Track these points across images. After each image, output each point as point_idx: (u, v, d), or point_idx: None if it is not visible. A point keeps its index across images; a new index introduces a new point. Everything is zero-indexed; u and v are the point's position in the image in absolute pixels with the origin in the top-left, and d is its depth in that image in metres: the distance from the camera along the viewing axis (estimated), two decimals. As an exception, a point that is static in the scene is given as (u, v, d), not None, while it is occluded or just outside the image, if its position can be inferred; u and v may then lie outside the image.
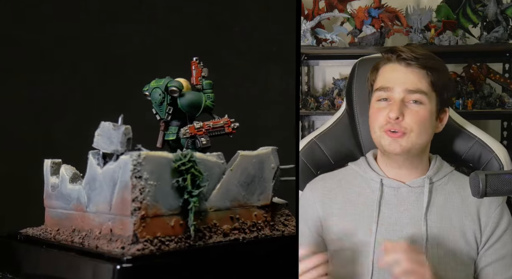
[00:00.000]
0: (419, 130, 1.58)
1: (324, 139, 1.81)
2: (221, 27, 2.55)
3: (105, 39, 2.47)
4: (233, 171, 1.67)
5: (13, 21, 2.45)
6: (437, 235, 1.56)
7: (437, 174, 1.63)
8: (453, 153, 1.74)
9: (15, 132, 2.43)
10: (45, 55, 2.45)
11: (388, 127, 1.58)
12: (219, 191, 1.64)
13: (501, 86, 2.87)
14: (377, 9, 2.89)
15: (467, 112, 2.71)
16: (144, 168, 1.51)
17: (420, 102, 1.58)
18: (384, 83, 1.62)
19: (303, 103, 2.97)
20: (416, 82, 1.59)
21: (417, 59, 1.60)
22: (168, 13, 2.53)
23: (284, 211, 1.77)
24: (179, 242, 1.55)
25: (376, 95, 1.63)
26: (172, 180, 1.55)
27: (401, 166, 1.63)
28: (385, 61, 1.65)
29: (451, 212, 1.59)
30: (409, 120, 1.57)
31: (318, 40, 2.95)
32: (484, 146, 1.72)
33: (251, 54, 2.55)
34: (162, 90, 1.68)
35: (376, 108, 1.62)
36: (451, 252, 1.56)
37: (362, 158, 1.71)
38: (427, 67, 1.60)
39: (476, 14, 2.81)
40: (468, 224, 1.58)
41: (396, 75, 1.61)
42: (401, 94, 1.58)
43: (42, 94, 2.44)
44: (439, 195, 1.61)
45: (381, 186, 1.62)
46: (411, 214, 1.58)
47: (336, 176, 1.72)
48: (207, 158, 1.63)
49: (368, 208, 1.60)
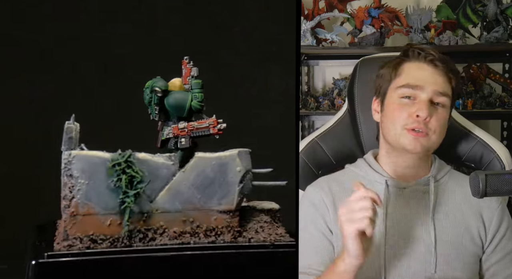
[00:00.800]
0: (440, 131, 1.58)
1: (326, 139, 1.80)
2: (221, 27, 2.55)
3: (105, 39, 2.47)
4: (185, 172, 1.62)
5: (13, 21, 2.44)
6: (445, 235, 1.56)
7: (439, 173, 1.63)
8: (454, 153, 1.74)
9: (15, 132, 2.43)
10: (45, 55, 2.45)
11: (413, 126, 1.56)
12: (168, 193, 1.61)
13: (501, 86, 2.88)
14: (377, 9, 2.89)
15: (467, 112, 2.72)
16: (75, 167, 1.54)
17: (443, 105, 1.58)
18: (413, 81, 1.59)
19: (303, 103, 2.97)
20: (444, 85, 1.59)
21: (444, 62, 1.59)
22: (168, 13, 2.53)
23: (263, 218, 1.70)
24: (115, 242, 1.55)
25: (400, 91, 1.60)
26: (108, 180, 1.55)
27: (409, 166, 1.62)
28: (410, 59, 1.62)
29: (455, 211, 1.59)
30: (434, 121, 1.56)
31: (318, 40, 2.95)
32: (486, 147, 1.72)
33: (251, 54, 2.54)
34: (150, 90, 1.68)
35: (399, 104, 1.59)
36: (459, 251, 1.56)
37: (361, 159, 1.69)
38: (451, 71, 1.60)
39: (476, 14, 2.81)
40: (472, 221, 1.59)
41: (425, 75, 1.59)
42: (430, 94, 1.57)
43: (42, 94, 2.44)
44: (443, 193, 1.61)
45: (386, 187, 1.60)
46: (418, 214, 1.58)
47: (337, 179, 1.68)
48: (153, 158, 1.61)
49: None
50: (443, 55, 1.62)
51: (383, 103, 1.64)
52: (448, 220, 1.58)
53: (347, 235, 1.39)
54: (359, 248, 1.38)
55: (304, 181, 1.73)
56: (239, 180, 1.64)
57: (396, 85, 1.61)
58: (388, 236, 1.56)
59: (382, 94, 1.64)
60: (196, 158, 1.63)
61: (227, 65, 2.52)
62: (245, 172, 1.64)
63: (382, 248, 1.55)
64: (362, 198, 1.39)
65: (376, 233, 1.55)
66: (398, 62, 1.63)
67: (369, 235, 1.38)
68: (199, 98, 1.67)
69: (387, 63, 1.65)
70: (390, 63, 1.64)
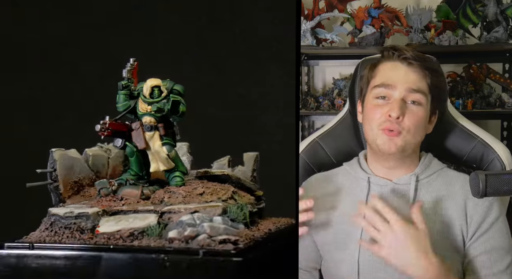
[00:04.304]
0: (414, 130, 1.58)
1: (327, 139, 1.81)
2: (221, 27, 2.55)
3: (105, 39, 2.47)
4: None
5: (13, 21, 2.44)
6: None
7: (425, 172, 1.64)
8: (455, 153, 1.75)
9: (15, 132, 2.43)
10: (45, 55, 2.45)
11: (386, 126, 1.58)
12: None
13: (501, 86, 2.88)
14: (377, 9, 2.89)
15: (467, 112, 2.72)
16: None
17: (418, 103, 1.59)
18: (385, 80, 1.61)
19: (303, 103, 2.97)
20: (418, 82, 1.60)
21: (419, 59, 1.60)
22: (168, 13, 2.53)
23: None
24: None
25: (374, 92, 1.62)
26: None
27: (391, 165, 1.64)
28: (385, 59, 1.65)
29: (437, 208, 1.60)
30: (407, 120, 1.58)
31: (318, 40, 2.95)
32: (487, 147, 1.72)
33: (251, 54, 2.54)
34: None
35: (374, 104, 1.62)
36: (438, 248, 1.55)
37: (355, 158, 1.72)
38: (428, 68, 1.61)
39: (476, 14, 2.81)
40: (456, 219, 1.59)
41: (398, 74, 1.61)
42: (402, 93, 1.59)
43: (42, 94, 2.44)
44: (425, 192, 1.62)
45: (368, 184, 1.63)
46: (398, 210, 1.58)
47: (327, 175, 1.73)
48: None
49: (356, 206, 1.60)
50: (422, 54, 1.63)
51: (363, 104, 1.67)
52: (428, 218, 1.57)
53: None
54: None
55: (305, 181, 1.74)
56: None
57: (372, 85, 1.64)
58: (365, 233, 1.57)
59: (362, 96, 1.68)
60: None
61: (227, 65, 2.52)
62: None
63: (357, 241, 1.58)
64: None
65: (354, 228, 1.57)
66: (375, 63, 1.66)
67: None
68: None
69: (367, 65, 1.68)
70: (369, 64, 1.68)
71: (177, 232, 1.48)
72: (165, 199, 1.64)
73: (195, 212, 1.54)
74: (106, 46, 2.46)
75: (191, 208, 1.56)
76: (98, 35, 2.46)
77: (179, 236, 1.47)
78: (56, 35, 2.44)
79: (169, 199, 1.64)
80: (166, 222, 1.53)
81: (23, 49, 2.43)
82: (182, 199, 1.63)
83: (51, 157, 1.74)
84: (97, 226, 1.56)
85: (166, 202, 1.63)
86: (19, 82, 2.43)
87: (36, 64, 2.44)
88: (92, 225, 1.56)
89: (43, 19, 2.45)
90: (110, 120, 1.69)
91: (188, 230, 1.47)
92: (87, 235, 1.55)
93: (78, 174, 1.77)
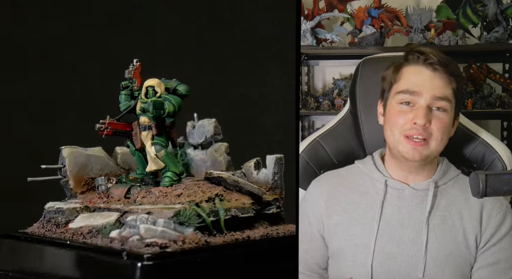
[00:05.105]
0: (441, 137, 1.56)
1: (327, 138, 1.80)
2: (221, 27, 2.55)
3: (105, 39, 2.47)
4: None
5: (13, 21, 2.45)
6: (438, 239, 1.56)
7: (443, 178, 1.62)
8: (457, 153, 1.74)
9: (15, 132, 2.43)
10: (45, 55, 2.45)
11: (411, 133, 1.55)
12: None
13: (501, 86, 2.88)
14: (377, 9, 2.89)
15: (467, 112, 2.71)
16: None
17: (444, 109, 1.56)
18: (410, 86, 1.57)
19: (303, 103, 2.97)
20: (443, 88, 1.56)
21: (445, 65, 1.56)
22: (168, 13, 2.53)
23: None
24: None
25: (398, 97, 1.58)
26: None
27: (411, 170, 1.61)
28: (410, 62, 1.60)
29: (454, 217, 1.58)
30: (434, 127, 1.55)
31: (318, 40, 2.95)
32: (488, 147, 1.71)
33: (251, 54, 2.54)
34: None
35: (398, 110, 1.58)
36: (451, 257, 1.55)
37: (369, 157, 1.69)
38: (453, 74, 1.57)
39: (476, 14, 2.81)
40: (471, 228, 1.57)
41: (423, 80, 1.57)
42: (428, 100, 1.55)
43: (42, 94, 2.44)
44: (443, 199, 1.60)
45: (385, 187, 1.60)
46: (413, 216, 1.57)
47: (341, 174, 1.70)
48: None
49: (371, 209, 1.59)
50: (445, 56, 1.59)
51: (385, 107, 1.63)
52: (444, 226, 1.56)
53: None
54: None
55: (306, 181, 1.74)
56: None
57: (395, 90, 1.60)
58: (379, 236, 1.56)
59: (385, 98, 1.64)
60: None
61: (227, 65, 2.52)
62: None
63: (371, 246, 1.56)
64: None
65: (368, 232, 1.56)
66: (398, 66, 1.61)
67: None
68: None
69: (390, 65, 1.64)
70: (392, 66, 1.63)
71: (118, 232, 1.51)
72: (138, 199, 1.65)
73: (149, 213, 1.55)
74: (106, 46, 2.46)
75: (147, 209, 1.58)
76: (98, 35, 2.46)
77: (118, 236, 1.49)
78: (56, 35, 2.45)
79: (143, 199, 1.65)
80: (124, 222, 1.56)
81: (23, 49, 2.43)
82: (155, 199, 1.64)
83: (61, 154, 1.78)
84: (71, 221, 1.62)
85: (138, 201, 1.64)
86: (19, 82, 2.43)
87: (36, 64, 2.44)
88: (66, 220, 1.63)
89: (43, 19, 2.45)
90: (110, 119, 1.70)
91: (125, 231, 1.49)
92: (60, 229, 1.62)
93: (99, 170, 1.81)
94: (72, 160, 1.77)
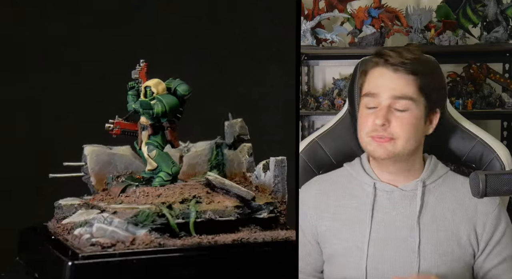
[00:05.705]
0: (406, 135, 1.56)
1: (326, 139, 1.81)
2: (221, 27, 2.55)
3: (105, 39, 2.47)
4: None
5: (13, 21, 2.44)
6: (430, 239, 1.56)
7: (431, 177, 1.62)
8: (455, 153, 1.74)
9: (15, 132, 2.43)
10: (45, 55, 2.45)
11: (375, 134, 1.57)
12: None
13: (501, 86, 2.87)
14: (377, 9, 2.89)
15: (467, 112, 2.71)
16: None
17: (406, 108, 1.56)
18: (371, 89, 1.60)
19: (303, 103, 2.97)
20: (403, 88, 1.56)
21: (404, 64, 1.57)
22: (168, 13, 2.53)
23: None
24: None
25: (364, 101, 1.62)
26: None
27: (391, 170, 1.62)
28: (374, 65, 1.62)
29: (445, 215, 1.58)
30: (395, 126, 1.56)
31: (318, 40, 2.95)
32: (486, 146, 1.71)
33: (251, 54, 2.54)
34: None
35: (365, 114, 1.61)
36: (445, 257, 1.56)
37: (357, 159, 1.70)
38: (416, 72, 1.57)
39: (476, 14, 2.81)
40: (463, 227, 1.58)
41: (383, 81, 1.58)
42: (388, 101, 1.57)
43: (42, 94, 2.44)
44: (432, 198, 1.60)
45: (374, 190, 1.61)
46: (404, 217, 1.58)
47: (330, 178, 1.71)
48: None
49: (361, 212, 1.60)
50: (413, 55, 1.59)
51: (358, 109, 1.67)
52: (435, 225, 1.57)
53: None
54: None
55: (305, 181, 1.74)
56: None
57: (363, 93, 1.63)
58: (372, 238, 1.56)
59: (359, 101, 1.67)
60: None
61: (227, 65, 2.52)
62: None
63: (365, 249, 1.56)
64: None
65: (361, 235, 1.56)
66: (365, 70, 1.64)
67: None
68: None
69: (360, 70, 1.67)
70: (361, 70, 1.66)
71: (79, 230, 1.56)
72: (121, 198, 1.68)
73: (114, 213, 1.58)
74: (106, 46, 2.46)
75: (116, 207, 1.61)
76: (98, 35, 2.46)
77: (78, 234, 1.54)
78: (56, 35, 2.44)
79: (126, 198, 1.68)
80: (88, 220, 1.59)
81: (23, 49, 2.43)
82: (135, 199, 1.65)
83: (83, 153, 1.83)
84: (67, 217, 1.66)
85: (119, 201, 1.67)
86: (19, 82, 2.43)
87: (36, 64, 2.44)
88: (63, 216, 1.67)
89: (43, 19, 2.45)
90: (118, 119, 1.73)
91: (82, 229, 1.55)
92: (57, 224, 1.67)
93: (123, 169, 1.83)
94: (94, 158, 1.81)
